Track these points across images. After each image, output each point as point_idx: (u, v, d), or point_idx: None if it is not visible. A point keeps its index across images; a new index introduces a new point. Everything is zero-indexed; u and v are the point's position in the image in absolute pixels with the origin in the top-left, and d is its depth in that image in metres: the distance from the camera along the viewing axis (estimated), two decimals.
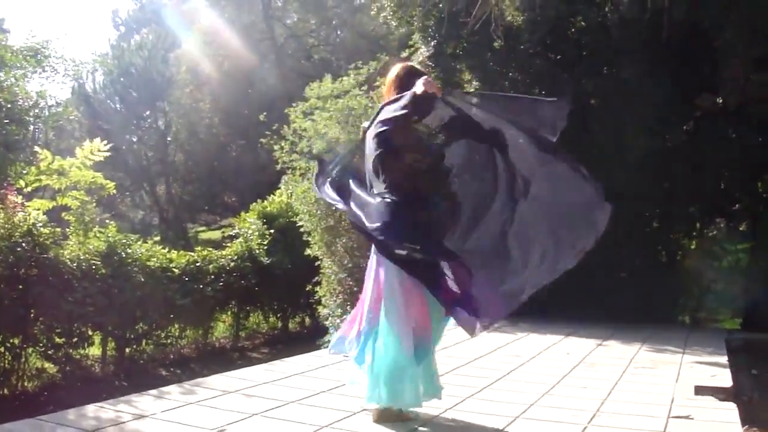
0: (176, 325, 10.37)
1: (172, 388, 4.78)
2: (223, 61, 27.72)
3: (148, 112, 30.17)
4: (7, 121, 6.62)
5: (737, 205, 10.56)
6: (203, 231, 31.53)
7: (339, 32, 29.15)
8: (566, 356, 6.84)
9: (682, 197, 9.84)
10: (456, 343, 7.05)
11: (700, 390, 5.32)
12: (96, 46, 70.06)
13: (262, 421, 4.11)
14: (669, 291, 9.99)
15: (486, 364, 6.32)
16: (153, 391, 4.67)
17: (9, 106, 6.57)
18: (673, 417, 4.48)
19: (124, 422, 3.96)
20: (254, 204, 13.29)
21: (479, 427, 4.23)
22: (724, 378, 5.90)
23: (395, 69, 4.40)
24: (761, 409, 6.15)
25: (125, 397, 4.49)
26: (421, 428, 4.11)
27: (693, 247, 10.59)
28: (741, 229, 10.77)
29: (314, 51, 30.14)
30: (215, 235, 27.14)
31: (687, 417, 4.49)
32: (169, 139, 30.12)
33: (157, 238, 10.72)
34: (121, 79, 28.72)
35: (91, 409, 4.18)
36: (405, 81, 4.22)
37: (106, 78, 28.90)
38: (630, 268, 9.60)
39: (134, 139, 30.10)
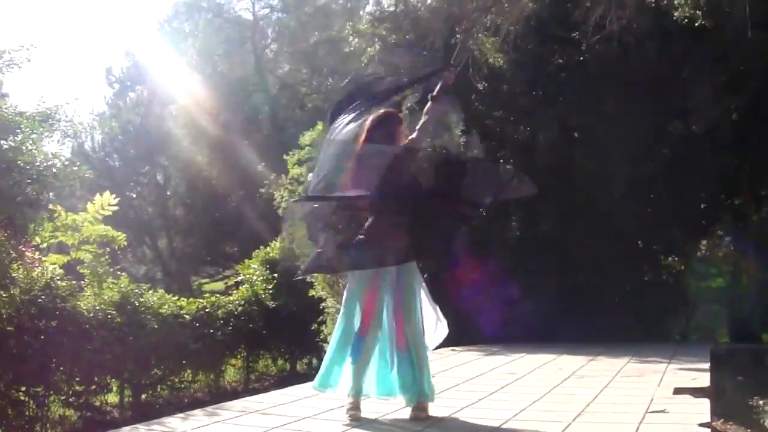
0: (188, 370, 10.76)
1: None
2: (218, 115, 28.36)
3: (146, 168, 30.81)
4: (29, 181, 7.11)
5: (718, 224, 11.04)
6: (206, 282, 31.86)
7: (330, 80, 29.75)
8: (558, 371, 7.29)
9: (665, 220, 10.28)
10: (454, 366, 7.53)
11: (679, 390, 5.78)
12: (93, 104, 70.97)
13: None
14: (657, 311, 10.42)
15: (483, 381, 6.77)
16: None
17: (28, 167, 7.05)
18: (650, 412, 4.94)
19: None
20: (257, 251, 13.79)
21: (473, 427, 4.72)
22: (703, 381, 6.36)
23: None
24: (738, 407, 6.62)
25: None
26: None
27: (681, 268, 11.00)
28: (724, 246, 11.24)
29: (307, 100, 30.78)
30: (218, 286, 27.44)
31: (662, 411, 4.95)
32: (168, 193, 30.73)
33: (161, 292, 11.11)
34: (119, 137, 29.44)
35: None
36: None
37: (105, 137, 29.59)
38: (618, 290, 10.02)
39: (134, 195, 30.67)
